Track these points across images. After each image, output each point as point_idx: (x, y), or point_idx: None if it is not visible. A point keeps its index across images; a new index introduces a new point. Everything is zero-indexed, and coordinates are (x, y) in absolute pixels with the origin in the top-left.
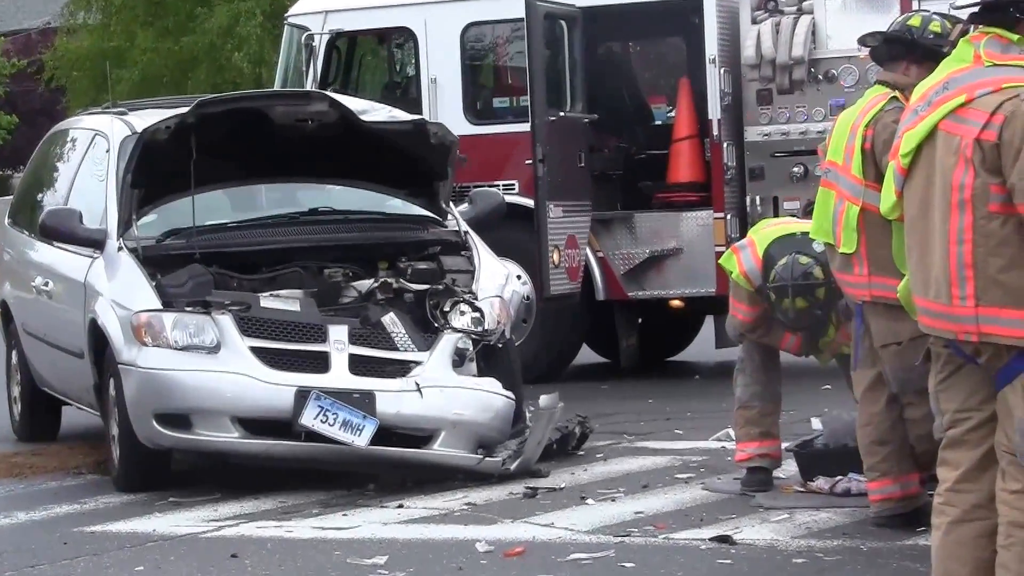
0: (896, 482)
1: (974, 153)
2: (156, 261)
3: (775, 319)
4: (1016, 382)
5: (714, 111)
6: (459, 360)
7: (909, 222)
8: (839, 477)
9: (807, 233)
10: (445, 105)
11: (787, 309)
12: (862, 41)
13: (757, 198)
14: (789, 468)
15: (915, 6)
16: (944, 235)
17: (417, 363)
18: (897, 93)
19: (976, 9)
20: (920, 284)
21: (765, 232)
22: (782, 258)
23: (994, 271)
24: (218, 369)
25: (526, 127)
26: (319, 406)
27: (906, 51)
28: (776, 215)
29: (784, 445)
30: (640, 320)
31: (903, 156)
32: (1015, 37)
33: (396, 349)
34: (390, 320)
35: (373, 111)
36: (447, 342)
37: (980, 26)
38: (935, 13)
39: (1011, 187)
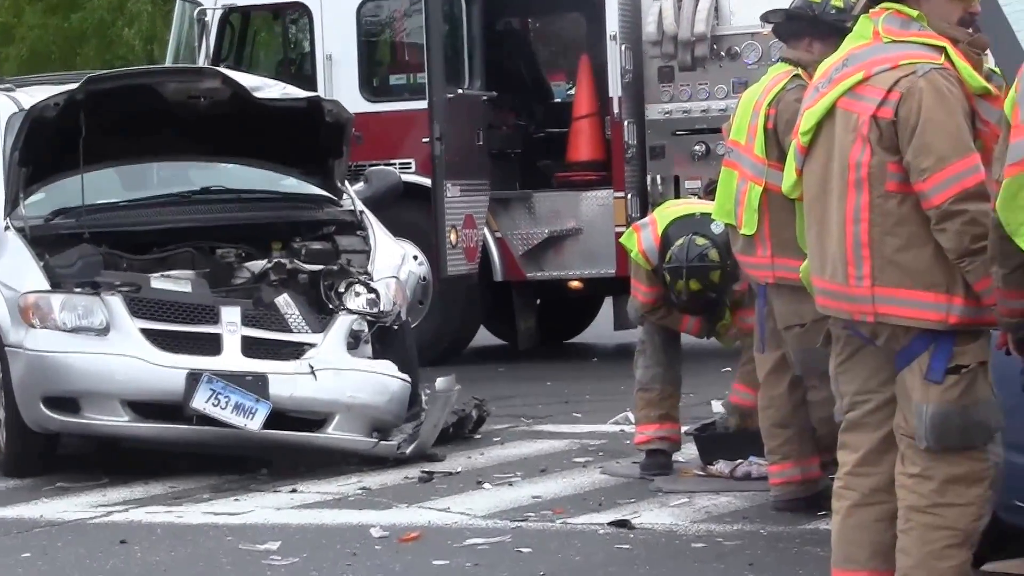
0: (797, 465)
1: (870, 131)
2: (44, 241)
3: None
4: (914, 364)
5: (615, 89)
6: (354, 342)
7: (808, 201)
8: (739, 461)
9: (708, 214)
10: (340, 82)
11: (681, 291)
12: (765, 18)
13: (658, 177)
14: (689, 451)
15: None
16: (841, 214)
17: (311, 345)
18: (800, 71)
19: None
20: (818, 264)
21: (666, 212)
22: (679, 239)
23: (890, 251)
24: (107, 351)
25: (423, 105)
26: (211, 389)
27: (809, 27)
28: (677, 195)
29: (684, 428)
30: (538, 301)
31: (803, 134)
32: (915, 13)
33: (290, 331)
34: (284, 301)
35: (267, 88)
36: (342, 324)
37: (881, 2)
38: None
39: (907, 165)
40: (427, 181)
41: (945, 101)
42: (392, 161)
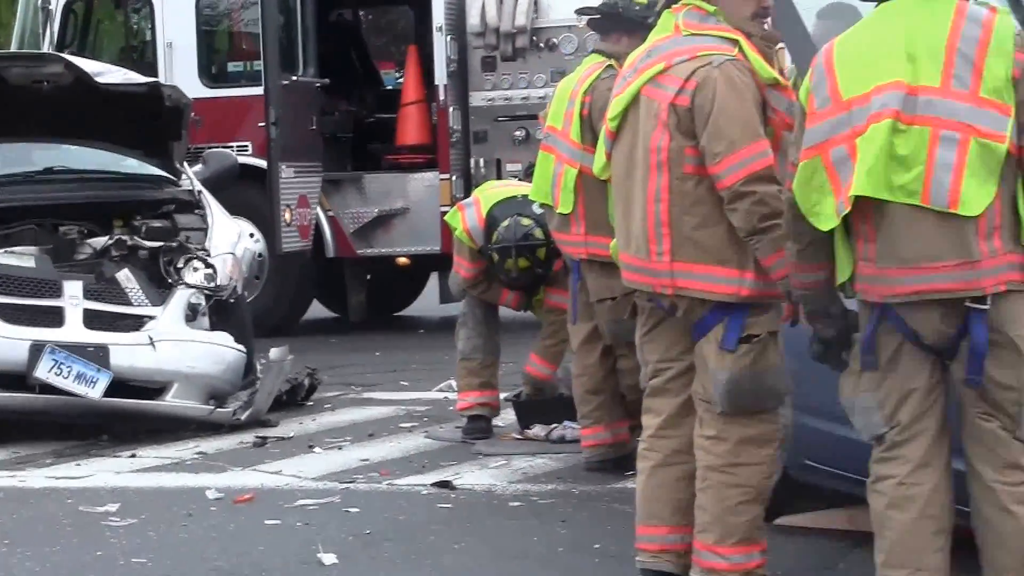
0: (607, 429)
1: (669, 117)
2: None
3: (496, 276)
4: (711, 335)
5: (441, 77)
6: (192, 315)
7: (616, 182)
8: (554, 425)
9: (528, 196)
10: (180, 69)
11: (510, 269)
12: (580, 12)
13: (481, 160)
14: (508, 417)
15: None
16: (644, 194)
17: (151, 318)
18: (612, 62)
19: None
20: (624, 240)
21: (490, 193)
22: (505, 220)
23: (688, 229)
24: None
25: (259, 91)
26: (53, 359)
27: (617, 22)
28: (499, 177)
29: (503, 395)
30: (368, 276)
31: (611, 120)
32: (712, 8)
33: (130, 304)
34: (124, 276)
35: (109, 73)
36: (180, 297)
37: None
38: None
39: (702, 149)
40: (263, 163)
41: (737, 90)
42: (230, 144)
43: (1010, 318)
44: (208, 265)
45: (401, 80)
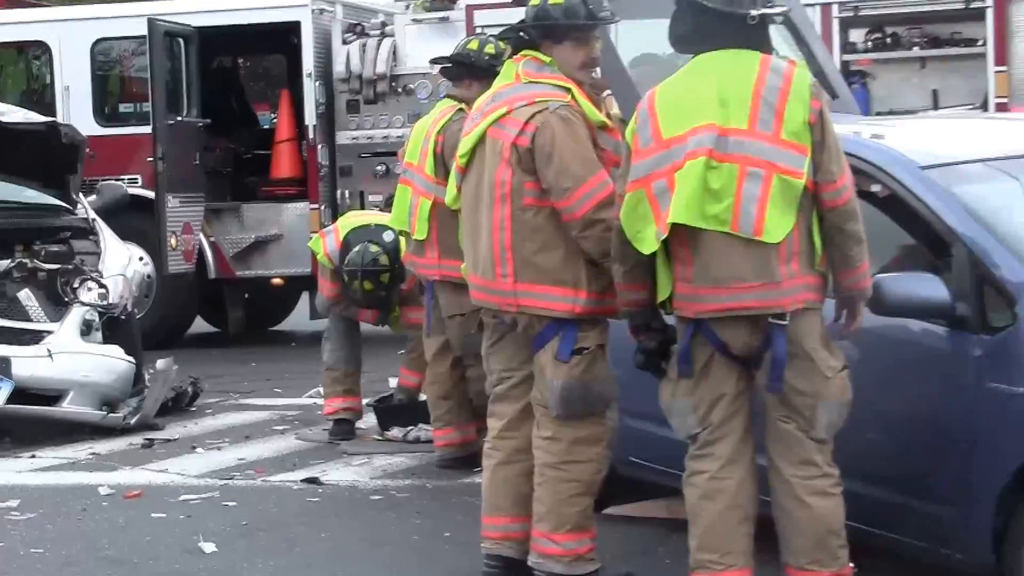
0: (457, 430)
1: (511, 155)
2: None
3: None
4: (548, 347)
5: (310, 118)
6: (86, 330)
7: (465, 212)
8: (411, 427)
9: (381, 225)
10: (77, 109)
11: (356, 289)
12: (434, 61)
13: (346, 192)
14: (369, 420)
15: (477, 31)
16: (489, 222)
17: (49, 332)
18: (463, 105)
19: (516, 36)
20: (472, 263)
21: (347, 221)
22: (356, 245)
23: (528, 253)
24: None
25: (148, 129)
26: None
27: (467, 70)
28: (363, 207)
29: (365, 400)
30: (246, 295)
31: (461, 157)
32: (547, 59)
33: (31, 320)
34: (25, 295)
35: (11, 113)
36: (76, 314)
37: (522, 49)
38: (491, 36)
39: (548, 186)
40: (151, 194)
41: (572, 131)
42: (121, 176)
43: (805, 332)
44: (101, 285)
45: (275, 120)
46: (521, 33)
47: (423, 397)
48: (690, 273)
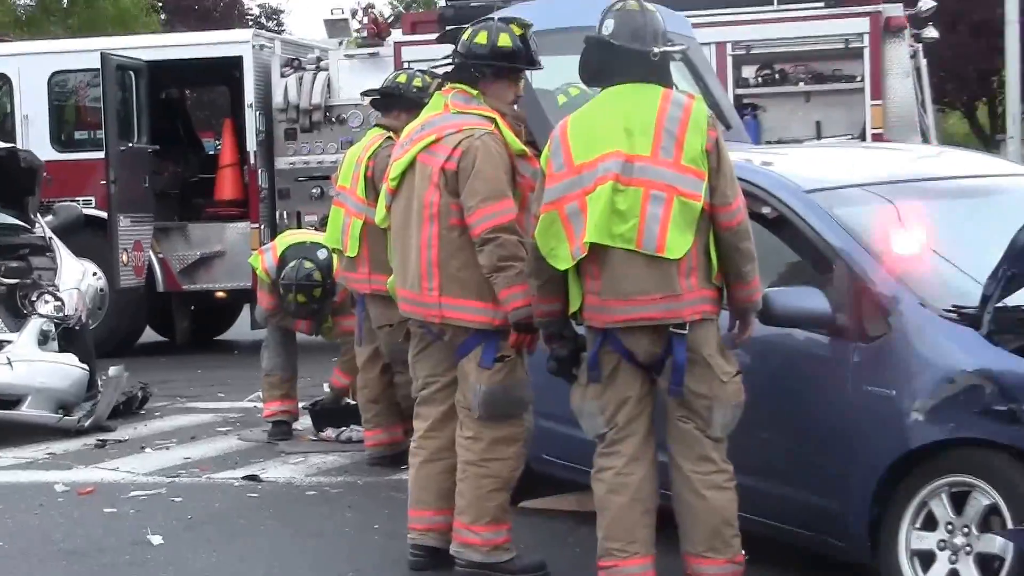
0: (385, 431)
1: (440, 179)
2: None
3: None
4: (471, 355)
5: (251, 144)
6: (43, 339)
7: (395, 230)
8: (343, 428)
9: (315, 243)
10: (35, 136)
11: (291, 302)
12: (365, 93)
13: (285, 212)
14: (305, 422)
15: (405, 65)
16: (418, 240)
17: (8, 342)
18: (391, 133)
19: (447, 69)
20: (401, 278)
21: (284, 239)
22: (292, 261)
23: (453, 270)
24: None
25: (101, 155)
26: None
27: (396, 102)
28: (299, 226)
29: (301, 404)
30: (192, 307)
31: (392, 180)
32: (475, 92)
33: None
34: None
35: None
36: (34, 325)
37: (450, 82)
38: (419, 71)
39: (464, 204)
40: (104, 214)
41: (492, 158)
42: (76, 198)
43: (703, 341)
44: (57, 299)
45: (219, 146)
46: (474, 70)
47: (351, 400)
48: (599, 287)
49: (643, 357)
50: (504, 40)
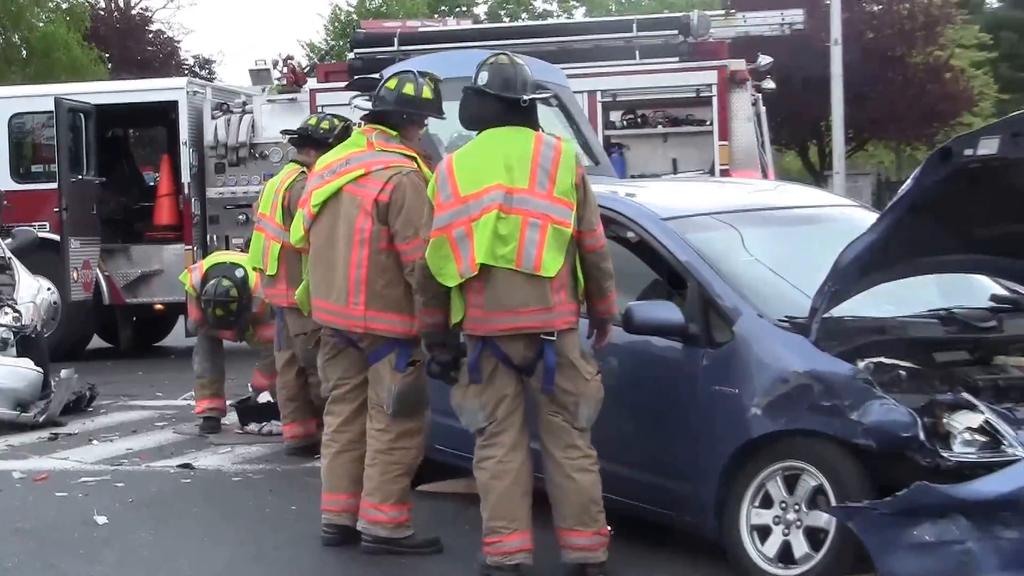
0: (301, 425)
1: (372, 209)
2: None
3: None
4: (386, 360)
5: (186, 177)
6: (3, 346)
7: (317, 250)
8: (265, 423)
9: (234, 263)
10: None
11: (211, 315)
12: (283, 132)
13: (214, 236)
14: (232, 418)
15: (318, 109)
16: (347, 261)
17: None
18: (304, 168)
19: (368, 112)
20: (324, 292)
21: (210, 259)
22: (212, 279)
23: (379, 287)
24: None
25: (55, 186)
26: None
27: (308, 141)
28: (227, 248)
29: (228, 401)
30: (134, 318)
31: (313, 206)
32: (394, 133)
33: None
34: None
35: None
36: None
37: (370, 123)
38: (328, 115)
39: (395, 232)
40: (57, 237)
41: (419, 193)
42: (33, 223)
43: (570, 346)
44: (16, 310)
45: (157, 178)
46: (405, 115)
47: (266, 398)
48: (482, 300)
49: (518, 360)
50: (427, 92)
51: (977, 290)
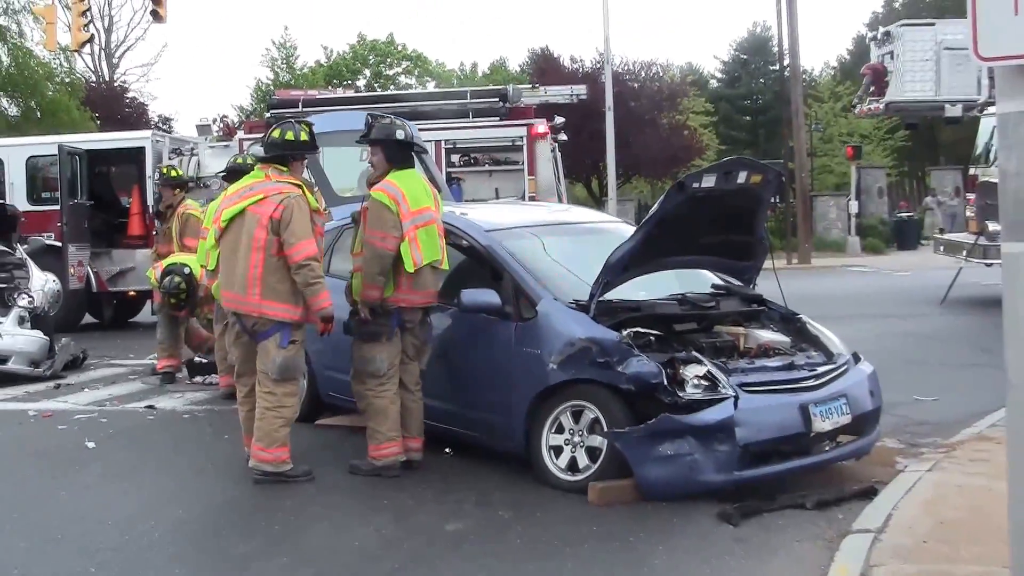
0: (224, 383)
1: (268, 223)
2: None
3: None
4: (271, 339)
5: (151, 201)
6: (21, 321)
7: (225, 253)
8: (207, 376)
9: (184, 263)
10: (17, 195)
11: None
12: (223, 171)
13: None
14: (184, 373)
15: (238, 148)
16: (247, 262)
17: (0, 322)
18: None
19: (267, 154)
20: (227, 284)
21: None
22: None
23: (272, 283)
24: None
25: (58, 207)
26: None
27: (234, 175)
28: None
29: (181, 361)
30: (115, 301)
31: (223, 221)
32: (285, 169)
33: None
34: None
35: None
36: (15, 312)
37: (265, 163)
38: (250, 152)
39: (284, 241)
40: (59, 244)
41: (301, 212)
42: (42, 234)
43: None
44: (30, 296)
45: (130, 202)
46: (291, 156)
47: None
48: (409, 284)
49: (411, 325)
50: (303, 135)
51: (702, 280)
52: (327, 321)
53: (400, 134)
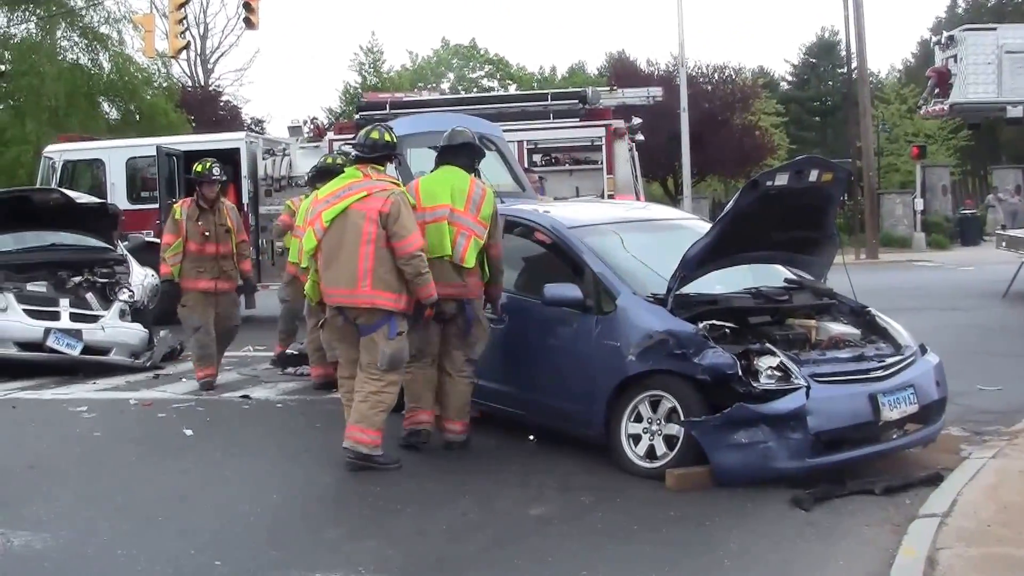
0: (323, 368)
1: (378, 218)
2: None
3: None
4: (380, 330)
5: (245, 198)
6: (122, 314)
7: (329, 250)
8: (300, 367)
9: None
10: (118, 194)
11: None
12: (310, 171)
13: (263, 239)
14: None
15: (328, 148)
16: (355, 256)
17: (102, 316)
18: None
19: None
20: (334, 281)
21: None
22: None
23: (381, 274)
24: (6, 320)
25: (156, 206)
26: (56, 336)
27: (324, 175)
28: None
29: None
30: None
31: (326, 221)
32: (382, 168)
33: (92, 309)
34: (90, 297)
35: (81, 197)
36: (117, 306)
37: (358, 162)
38: (338, 152)
39: (392, 234)
40: (158, 240)
41: (408, 207)
42: (142, 231)
43: (478, 308)
44: (130, 290)
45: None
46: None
47: (299, 348)
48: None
49: (446, 316)
50: (387, 137)
51: (775, 275)
52: (432, 307)
53: (447, 140)
